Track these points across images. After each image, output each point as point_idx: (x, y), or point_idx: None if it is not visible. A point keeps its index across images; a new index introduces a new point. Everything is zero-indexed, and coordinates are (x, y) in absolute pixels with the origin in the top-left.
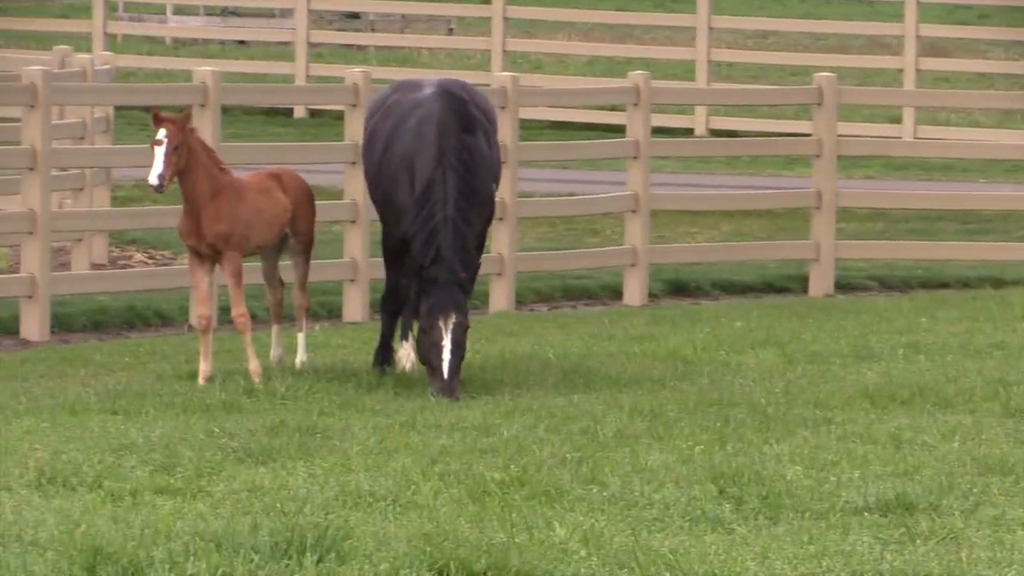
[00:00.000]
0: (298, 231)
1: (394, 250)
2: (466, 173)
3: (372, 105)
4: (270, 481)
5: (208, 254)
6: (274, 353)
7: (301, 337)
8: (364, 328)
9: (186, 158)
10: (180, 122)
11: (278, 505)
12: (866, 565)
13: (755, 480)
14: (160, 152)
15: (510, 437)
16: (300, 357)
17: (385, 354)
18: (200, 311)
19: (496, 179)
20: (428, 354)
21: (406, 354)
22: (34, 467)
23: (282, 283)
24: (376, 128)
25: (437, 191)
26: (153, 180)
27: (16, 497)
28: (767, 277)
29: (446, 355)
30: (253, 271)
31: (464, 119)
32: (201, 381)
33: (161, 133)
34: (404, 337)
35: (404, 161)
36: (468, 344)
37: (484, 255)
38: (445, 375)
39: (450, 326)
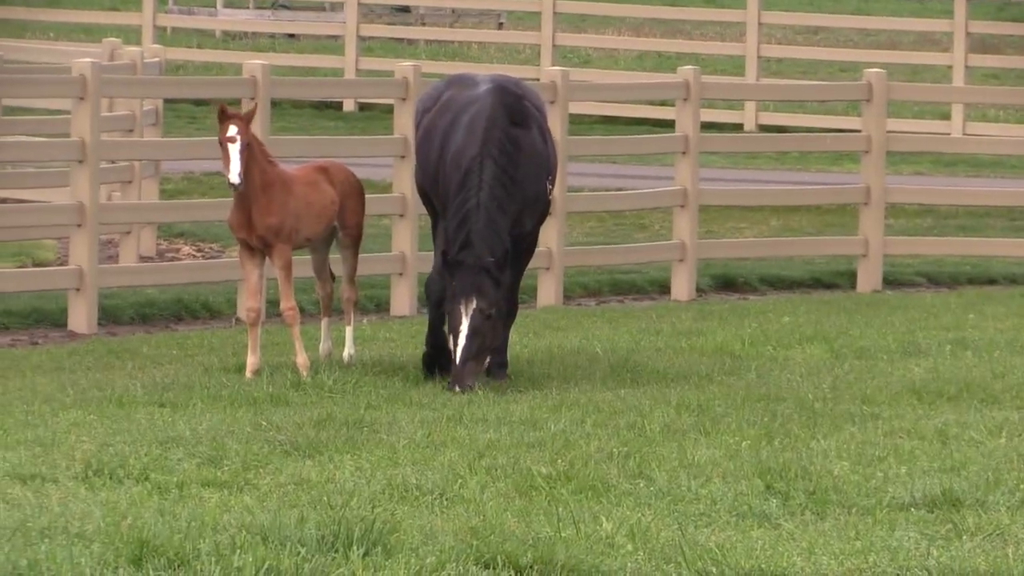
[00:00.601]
0: (346, 224)
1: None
2: (507, 164)
3: (425, 99)
4: (317, 474)
5: (258, 247)
6: (323, 347)
7: (349, 330)
8: (412, 322)
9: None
10: (247, 117)
11: (325, 498)
12: (912, 561)
13: (802, 475)
14: (235, 149)
15: (557, 431)
16: (348, 351)
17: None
18: (249, 304)
19: (551, 177)
20: (448, 339)
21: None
22: (81, 459)
23: (332, 276)
24: (432, 124)
25: (473, 178)
26: (235, 179)
27: (63, 489)
28: (815, 272)
29: (461, 341)
30: (302, 264)
31: (515, 114)
32: (248, 374)
33: (232, 130)
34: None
35: (456, 157)
36: (496, 334)
37: None
38: (456, 361)
39: (470, 312)
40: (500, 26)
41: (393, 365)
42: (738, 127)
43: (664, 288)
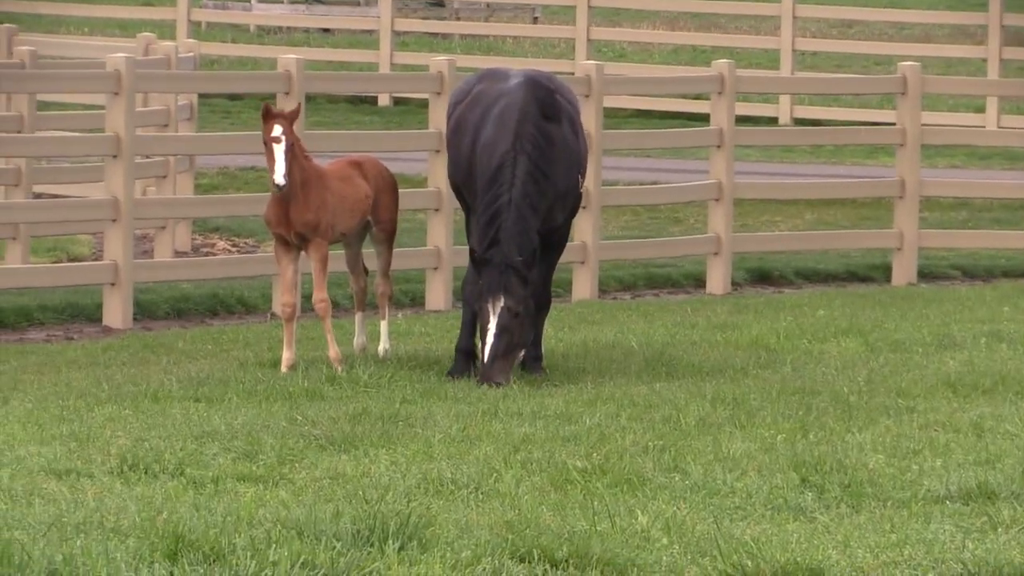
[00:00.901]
0: (380, 219)
1: None
2: (540, 159)
3: (457, 93)
4: (352, 468)
5: (295, 243)
6: (358, 341)
7: (384, 325)
8: (447, 316)
9: None
10: (292, 116)
11: (360, 492)
12: (948, 553)
13: (837, 468)
14: (280, 149)
15: (592, 425)
16: (383, 345)
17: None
18: (285, 299)
19: (582, 171)
20: (480, 338)
21: None
22: (116, 454)
23: (366, 271)
24: (463, 117)
25: (506, 173)
26: (281, 180)
27: (98, 484)
28: (850, 266)
29: (489, 339)
30: (335, 259)
31: (547, 108)
32: (284, 368)
33: (277, 130)
34: None
35: (487, 150)
36: (524, 331)
37: (568, 243)
38: (485, 359)
39: (497, 310)
40: (535, 20)
41: (428, 359)
42: (773, 120)
43: (699, 282)
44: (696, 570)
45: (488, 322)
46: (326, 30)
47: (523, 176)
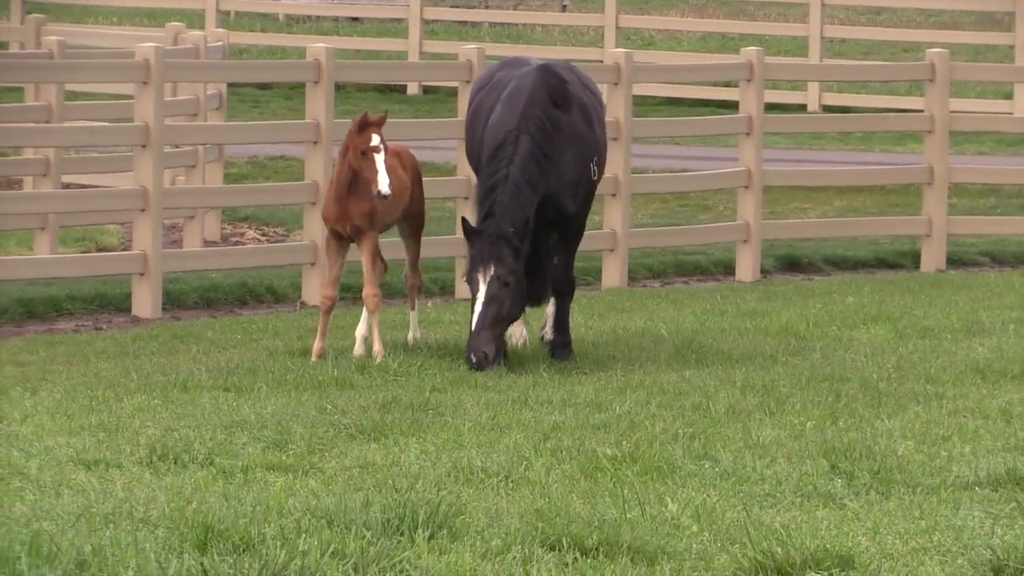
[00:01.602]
0: (411, 211)
1: None
2: (543, 141)
3: (479, 80)
4: (382, 457)
5: (348, 236)
6: (361, 331)
7: (413, 315)
8: None
9: None
10: (383, 123)
11: (390, 481)
12: (977, 540)
13: (866, 455)
14: (380, 159)
15: (622, 413)
16: (412, 334)
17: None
18: (328, 292)
19: (595, 161)
20: (470, 308)
21: (518, 330)
22: (145, 444)
23: (384, 264)
24: (480, 104)
25: (507, 150)
26: (386, 190)
27: (127, 474)
28: (879, 253)
29: (477, 307)
30: (352, 250)
31: (557, 95)
32: (314, 358)
33: (376, 139)
34: None
35: (493, 130)
36: (515, 303)
37: (596, 231)
38: (472, 327)
39: (487, 278)
40: (564, 8)
41: (458, 348)
42: (802, 108)
43: (728, 269)
44: (726, 557)
45: (477, 291)
46: (355, 19)
47: (524, 154)
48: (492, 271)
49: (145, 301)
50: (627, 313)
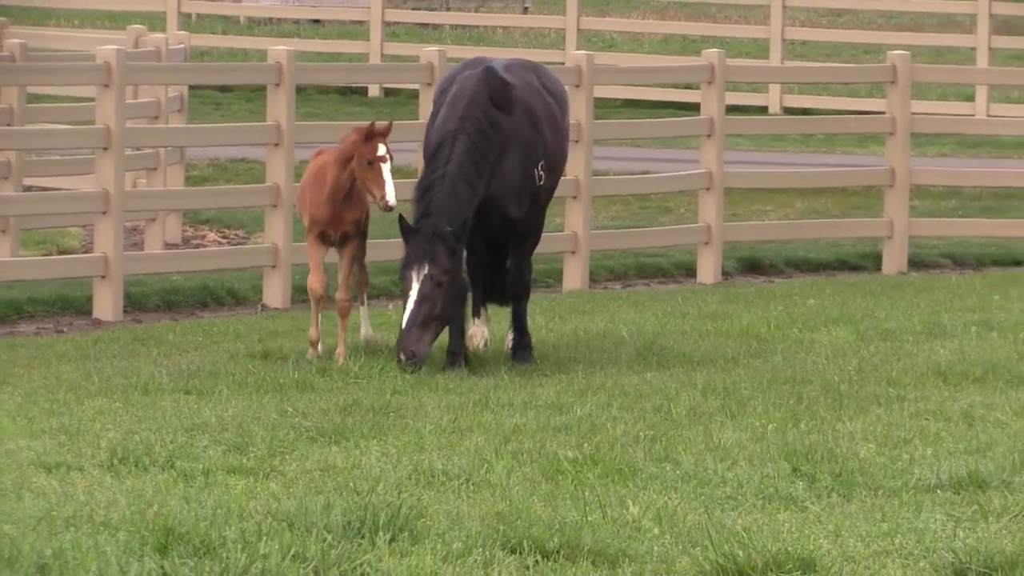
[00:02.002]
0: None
1: None
2: (481, 142)
3: (442, 82)
4: (343, 460)
5: (334, 241)
6: (365, 331)
7: (363, 311)
8: None
9: None
10: (388, 132)
11: (351, 484)
12: (939, 542)
13: (828, 458)
14: (387, 169)
15: (583, 415)
16: (364, 330)
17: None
18: (322, 278)
19: (541, 166)
20: (402, 305)
21: (480, 331)
22: (106, 447)
23: (367, 274)
24: (436, 104)
25: (444, 150)
26: (393, 201)
27: (88, 477)
28: (840, 255)
29: (409, 305)
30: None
31: (498, 96)
32: (312, 352)
33: (383, 149)
34: (476, 314)
35: (435, 132)
36: (448, 303)
37: (556, 233)
38: (403, 326)
39: (420, 277)
40: (525, 10)
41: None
42: (763, 110)
43: (690, 271)
44: (687, 560)
45: (410, 289)
46: (316, 21)
47: (460, 154)
48: (426, 270)
49: (106, 304)
50: (588, 315)
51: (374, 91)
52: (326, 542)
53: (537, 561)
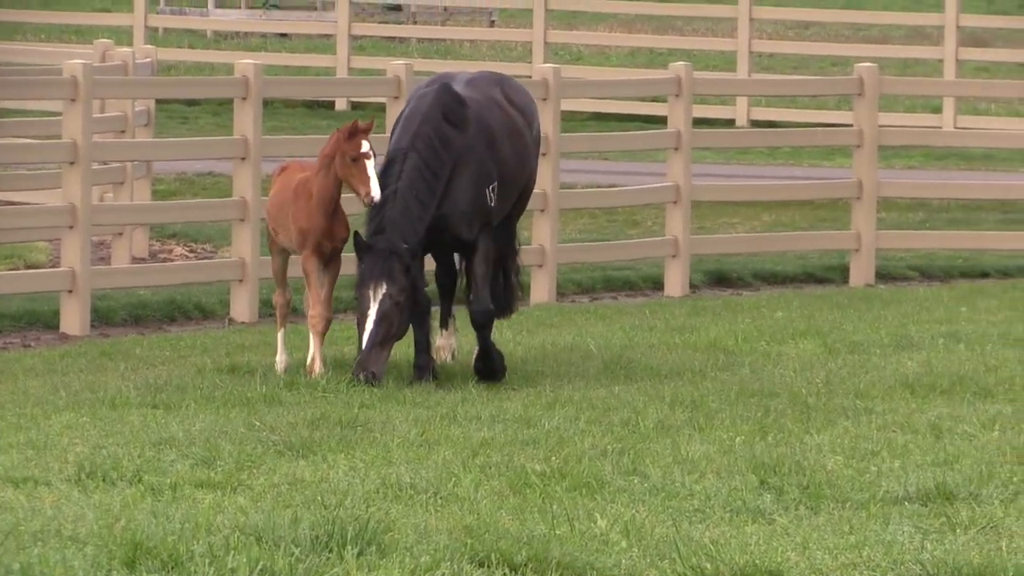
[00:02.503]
0: None
1: None
2: (431, 159)
3: (409, 96)
4: (311, 474)
5: (327, 255)
6: (281, 358)
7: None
8: None
9: None
10: (370, 130)
11: (319, 498)
12: (907, 555)
13: (796, 470)
14: (371, 166)
15: (551, 428)
16: (282, 357)
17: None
18: (324, 312)
19: (492, 188)
20: (358, 324)
21: (447, 344)
22: (74, 461)
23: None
24: (397, 120)
25: (395, 168)
26: (379, 196)
27: (55, 492)
28: (808, 267)
29: (369, 325)
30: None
31: (451, 114)
32: (313, 374)
33: (366, 146)
34: (443, 325)
35: (390, 150)
36: (403, 321)
37: (525, 246)
38: (363, 346)
39: (378, 296)
40: (492, 24)
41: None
42: (730, 123)
43: (657, 284)
44: (655, 573)
45: (368, 308)
46: (283, 35)
47: (410, 171)
48: (383, 289)
49: (73, 318)
50: (556, 328)
51: (341, 104)
52: (294, 556)
53: (505, 574)
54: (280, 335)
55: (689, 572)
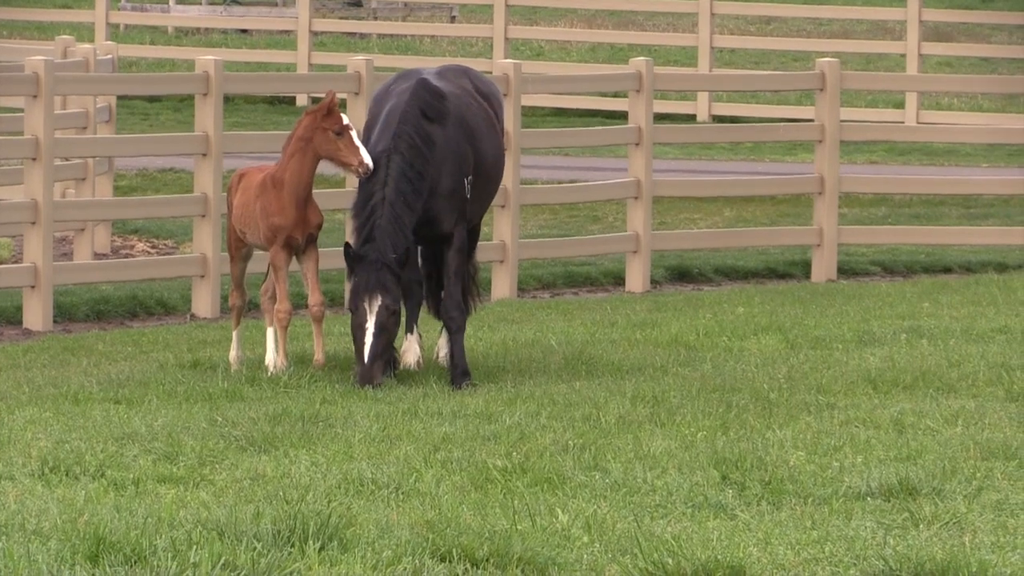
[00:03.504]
0: None
1: None
2: (415, 159)
3: (376, 94)
4: (272, 469)
5: (298, 246)
6: (235, 354)
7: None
8: None
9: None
10: (337, 103)
11: (280, 493)
12: (869, 550)
13: (758, 466)
14: (356, 136)
15: (512, 424)
16: (270, 354)
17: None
18: (287, 307)
19: (480, 168)
20: (353, 336)
21: (413, 348)
22: (37, 456)
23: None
24: (368, 118)
25: (380, 172)
26: (371, 164)
27: (19, 486)
28: (769, 263)
29: (368, 339)
30: (256, 262)
31: (431, 109)
32: (273, 370)
33: (346, 118)
34: (409, 330)
35: (371, 150)
36: (396, 329)
37: (485, 242)
38: (365, 359)
39: (375, 308)
40: (452, 19)
41: (348, 360)
42: (691, 118)
43: (618, 280)
44: (617, 568)
45: (365, 321)
46: (244, 31)
47: (396, 174)
48: (379, 301)
49: (36, 314)
50: (517, 324)
51: (302, 100)
52: (256, 551)
53: (467, 569)
54: (236, 333)
55: (651, 567)
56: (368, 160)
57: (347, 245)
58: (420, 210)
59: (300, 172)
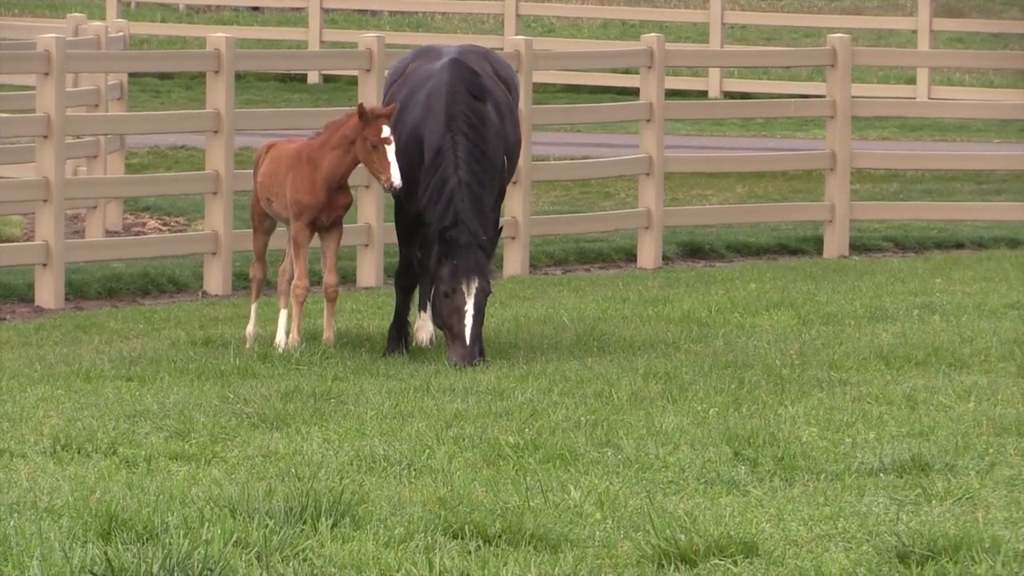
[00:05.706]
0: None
1: (408, 225)
2: (476, 137)
3: (392, 72)
4: (285, 446)
5: (325, 226)
6: (252, 329)
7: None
8: (378, 293)
9: None
10: (391, 115)
11: (293, 470)
12: (882, 526)
13: (770, 442)
14: (392, 151)
15: (524, 401)
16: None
17: (401, 331)
18: (305, 283)
19: (506, 150)
20: (450, 319)
21: (426, 326)
22: (49, 434)
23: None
24: (392, 97)
25: (448, 156)
26: (399, 182)
27: (31, 464)
28: (781, 239)
29: (468, 320)
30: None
31: (474, 88)
32: (285, 347)
33: (387, 131)
34: (422, 308)
35: (414, 133)
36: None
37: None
38: (467, 341)
39: (473, 291)
40: None
41: (360, 336)
42: (703, 94)
43: (630, 256)
44: (629, 545)
45: (464, 304)
46: (255, 8)
47: (465, 156)
48: (477, 284)
49: (48, 292)
50: (529, 301)
51: (313, 78)
52: (268, 528)
53: (479, 546)
54: (254, 307)
55: (663, 543)
56: (397, 179)
57: (443, 230)
58: (492, 189)
59: (339, 166)
